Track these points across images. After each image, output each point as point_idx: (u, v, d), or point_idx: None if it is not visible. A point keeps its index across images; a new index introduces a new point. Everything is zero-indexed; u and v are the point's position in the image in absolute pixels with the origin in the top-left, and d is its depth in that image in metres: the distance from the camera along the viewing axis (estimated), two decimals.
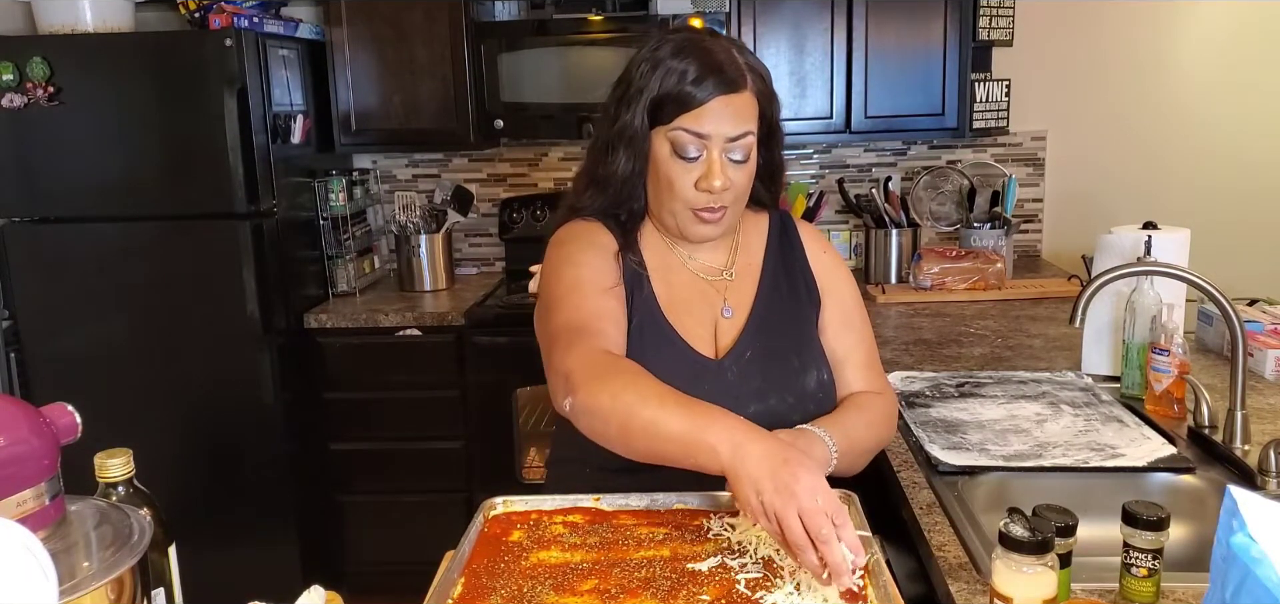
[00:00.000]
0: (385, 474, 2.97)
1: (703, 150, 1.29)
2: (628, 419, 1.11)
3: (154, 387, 2.78)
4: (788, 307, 1.42)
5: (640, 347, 1.31)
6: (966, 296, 2.79)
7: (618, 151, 1.33)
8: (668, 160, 1.30)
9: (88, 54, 2.67)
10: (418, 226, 3.14)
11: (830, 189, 3.28)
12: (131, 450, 1.00)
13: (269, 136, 2.72)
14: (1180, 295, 1.79)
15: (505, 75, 2.97)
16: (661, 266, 1.40)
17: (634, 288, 1.36)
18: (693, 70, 1.27)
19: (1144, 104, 3.26)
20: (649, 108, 1.30)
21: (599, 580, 1.04)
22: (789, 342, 1.39)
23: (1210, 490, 1.44)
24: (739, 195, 1.33)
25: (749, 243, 1.45)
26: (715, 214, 1.32)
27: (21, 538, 0.74)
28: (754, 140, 1.31)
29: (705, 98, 1.26)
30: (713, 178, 1.28)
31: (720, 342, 1.38)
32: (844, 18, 2.90)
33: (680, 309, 1.37)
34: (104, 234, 2.73)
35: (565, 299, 1.30)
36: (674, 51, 1.29)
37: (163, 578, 1.03)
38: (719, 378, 1.33)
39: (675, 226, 1.37)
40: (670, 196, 1.33)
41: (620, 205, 1.38)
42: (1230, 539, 0.69)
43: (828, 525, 0.94)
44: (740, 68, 1.29)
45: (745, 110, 1.29)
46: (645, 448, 1.11)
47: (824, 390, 1.38)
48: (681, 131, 1.28)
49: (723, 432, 1.04)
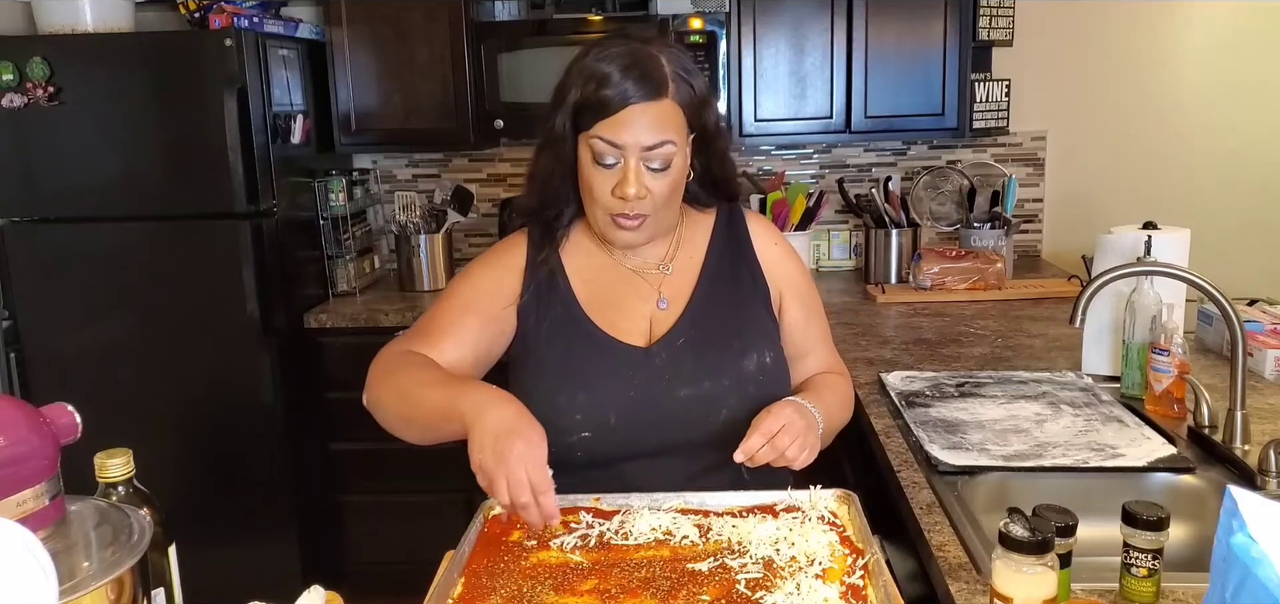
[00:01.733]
0: (385, 474, 2.97)
1: (619, 158, 1.27)
2: (402, 402, 1.25)
3: (154, 387, 2.78)
4: (728, 295, 1.42)
5: (553, 343, 1.36)
6: (966, 296, 2.79)
7: (545, 153, 1.35)
8: (588, 166, 1.30)
9: (88, 54, 2.67)
10: (418, 226, 3.14)
11: (830, 189, 3.28)
12: (131, 450, 1.00)
13: (269, 136, 2.72)
14: (1180, 295, 1.79)
15: (505, 75, 2.96)
16: (588, 264, 1.41)
17: (546, 293, 1.39)
18: (613, 76, 1.25)
19: (1144, 104, 3.26)
20: (572, 113, 1.30)
21: (599, 580, 1.04)
22: (728, 327, 1.39)
23: (1210, 490, 1.44)
24: (659, 203, 1.31)
25: (691, 238, 1.45)
26: (632, 220, 1.31)
27: (21, 538, 0.74)
28: (674, 150, 1.28)
29: (620, 105, 1.25)
30: (628, 185, 1.27)
31: (654, 333, 1.38)
32: (844, 18, 2.90)
33: (604, 303, 1.38)
34: (104, 234, 2.73)
35: (432, 309, 1.40)
36: (598, 57, 1.28)
37: (163, 578, 1.03)
38: (646, 365, 1.34)
39: (598, 231, 1.37)
40: (590, 202, 1.33)
41: (547, 206, 1.39)
42: (1230, 539, 0.69)
43: (526, 494, 1.05)
44: (664, 75, 1.27)
45: (665, 118, 1.27)
46: (418, 425, 1.24)
47: (765, 373, 1.37)
48: (598, 139, 1.27)
49: (469, 396, 1.14)
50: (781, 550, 1.08)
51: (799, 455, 1.23)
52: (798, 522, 1.15)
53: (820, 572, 1.04)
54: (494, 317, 1.38)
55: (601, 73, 1.26)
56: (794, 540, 1.10)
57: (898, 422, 1.73)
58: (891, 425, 1.72)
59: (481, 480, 1.08)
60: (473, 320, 1.36)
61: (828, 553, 1.08)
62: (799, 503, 1.21)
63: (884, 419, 1.75)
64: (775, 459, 1.21)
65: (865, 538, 1.11)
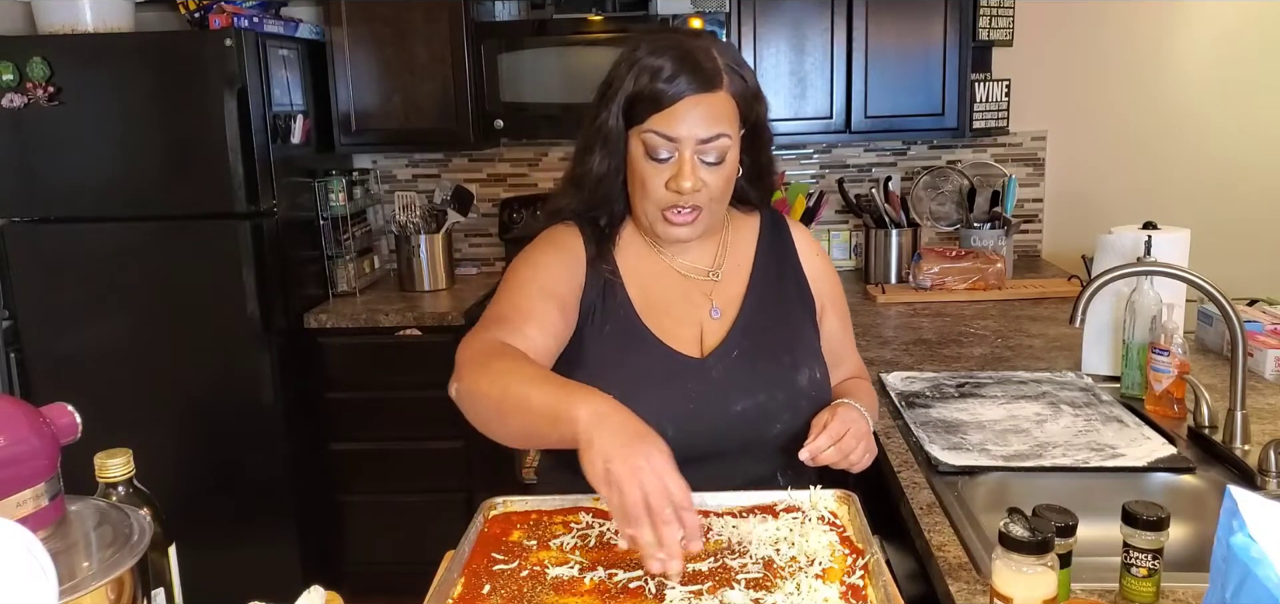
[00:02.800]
0: (385, 474, 2.97)
1: (674, 152, 1.26)
2: (502, 398, 1.10)
3: (154, 387, 2.78)
4: (778, 306, 1.42)
5: (615, 349, 1.31)
6: (966, 297, 2.78)
7: (594, 151, 1.32)
8: (641, 161, 1.29)
9: (88, 54, 2.67)
10: (418, 226, 3.14)
11: (830, 189, 3.28)
12: (131, 450, 1.00)
13: (269, 136, 2.72)
14: (1180, 295, 1.79)
15: (505, 75, 2.97)
16: (642, 270, 1.38)
17: (606, 295, 1.34)
18: (666, 69, 1.24)
19: (1144, 104, 3.26)
20: (624, 107, 1.29)
21: (599, 580, 1.03)
22: (780, 340, 1.38)
23: (1210, 490, 1.44)
24: (713, 198, 1.30)
25: (738, 243, 1.44)
26: (685, 215, 1.30)
27: (21, 538, 0.74)
28: (729, 143, 1.28)
29: (676, 97, 1.24)
30: (683, 179, 1.26)
31: (707, 342, 1.37)
32: (844, 18, 2.90)
33: (660, 311, 1.36)
34: (104, 234, 2.73)
35: (505, 294, 1.30)
36: (650, 50, 1.27)
37: (163, 578, 1.03)
38: (702, 376, 1.33)
39: (649, 227, 1.35)
40: (642, 197, 1.31)
41: (598, 207, 1.36)
42: (1230, 539, 0.69)
43: (668, 505, 0.94)
44: (717, 67, 1.26)
45: (720, 111, 1.27)
46: (518, 426, 1.09)
47: (816, 388, 1.37)
48: (652, 133, 1.26)
49: (586, 402, 1.02)
50: (781, 550, 1.08)
51: (863, 458, 1.26)
52: (798, 522, 1.15)
53: (820, 572, 1.04)
54: (571, 306, 1.31)
55: (655, 65, 1.25)
56: (794, 540, 1.10)
57: (898, 422, 1.73)
58: (892, 426, 1.72)
59: (608, 494, 0.96)
60: (554, 307, 1.28)
61: (828, 553, 1.08)
62: (799, 503, 1.20)
63: (884, 419, 1.75)
64: (838, 461, 1.23)
65: (865, 538, 1.11)
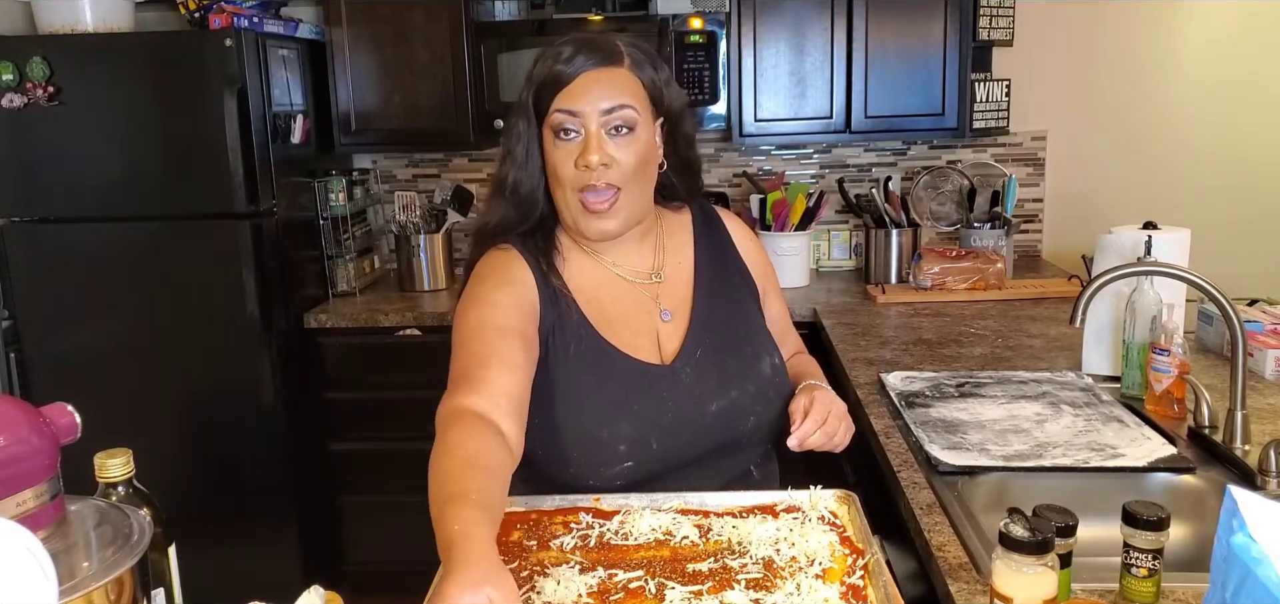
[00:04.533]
0: (385, 474, 2.97)
1: (579, 128, 1.26)
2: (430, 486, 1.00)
3: (154, 387, 2.78)
4: (727, 299, 1.42)
5: (584, 375, 1.29)
6: (966, 296, 2.78)
7: (512, 153, 1.32)
8: (552, 148, 1.29)
9: (88, 54, 2.67)
10: (418, 226, 3.14)
11: (830, 189, 3.28)
12: (131, 450, 1.00)
13: (269, 136, 2.72)
14: (1180, 295, 1.79)
15: (505, 75, 2.96)
16: (588, 286, 1.35)
17: (562, 316, 1.31)
18: (566, 52, 1.27)
19: (1144, 104, 3.25)
20: (533, 99, 1.30)
21: (599, 581, 1.03)
22: (737, 333, 1.39)
23: (1210, 490, 1.44)
24: (626, 175, 1.27)
25: (675, 242, 1.43)
26: (602, 199, 1.27)
27: (21, 538, 0.74)
28: (635, 115, 1.27)
29: (575, 74, 1.26)
30: (590, 152, 1.25)
31: (665, 347, 1.35)
32: (844, 18, 2.90)
33: (616, 324, 1.34)
34: (104, 234, 2.73)
35: (464, 342, 1.22)
36: (552, 43, 1.30)
37: (163, 578, 1.03)
38: (673, 383, 1.31)
39: (572, 223, 1.32)
40: (558, 186, 1.30)
41: (525, 215, 1.34)
42: (1230, 539, 0.69)
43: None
44: (618, 48, 1.29)
45: (621, 84, 1.27)
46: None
47: (778, 374, 1.38)
48: (557, 111, 1.27)
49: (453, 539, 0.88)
50: (781, 551, 1.08)
51: (845, 437, 1.30)
52: (798, 522, 1.15)
53: (820, 572, 1.04)
54: (531, 335, 1.26)
55: (555, 51, 1.28)
56: (794, 541, 1.10)
57: (898, 422, 1.73)
58: (891, 426, 1.72)
59: None
60: (514, 341, 1.21)
61: (828, 553, 1.08)
62: (799, 503, 1.20)
63: (884, 419, 1.75)
64: (824, 443, 1.27)
65: (865, 538, 1.11)
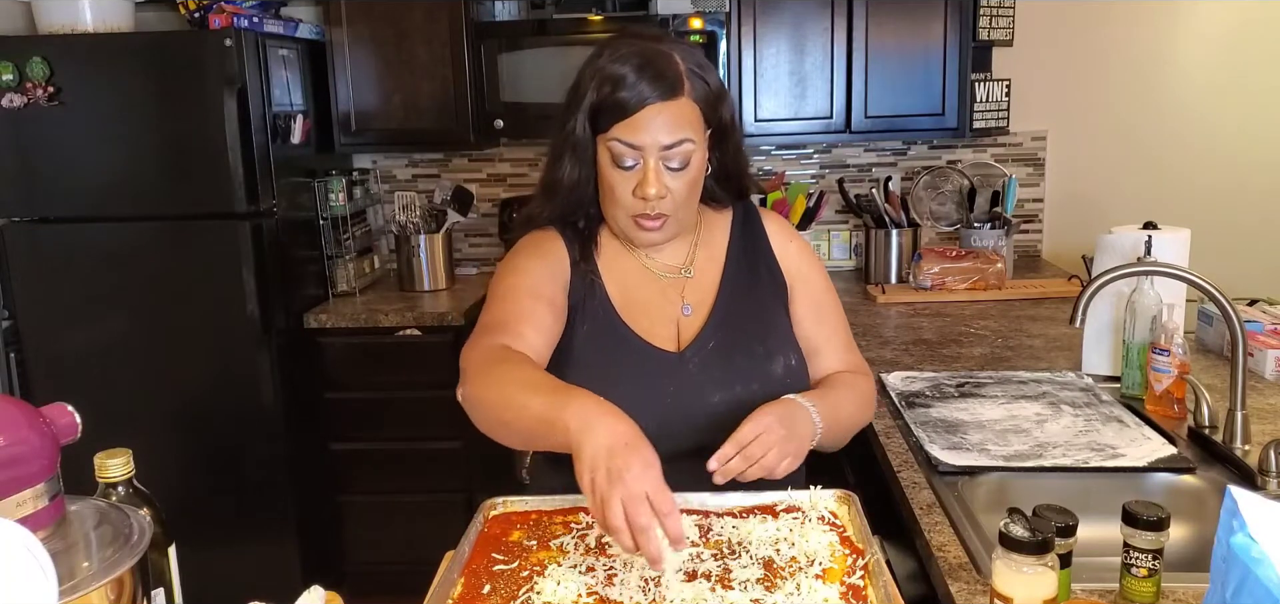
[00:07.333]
0: (385, 474, 2.97)
1: (638, 159, 1.28)
2: (504, 405, 1.12)
3: (154, 387, 2.78)
4: (751, 297, 1.42)
5: (595, 347, 1.33)
6: (966, 296, 2.78)
7: (564, 159, 1.34)
8: (608, 168, 1.31)
9: (88, 54, 2.67)
10: (418, 226, 3.14)
11: (830, 189, 3.28)
12: (131, 450, 1.00)
13: (269, 136, 2.72)
14: (1180, 295, 1.79)
15: (505, 75, 2.97)
16: (618, 268, 1.40)
17: (586, 294, 1.36)
18: (628, 78, 1.25)
19: (1144, 104, 3.25)
20: (589, 115, 1.30)
21: (598, 581, 1.03)
22: (753, 330, 1.39)
23: (1210, 490, 1.44)
24: (679, 202, 1.31)
25: (711, 238, 1.45)
26: (654, 221, 1.32)
27: (21, 538, 0.74)
28: (693, 148, 1.29)
29: (638, 105, 1.25)
30: (648, 186, 1.28)
31: (682, 338, 1.38)
32: (844, 18, 2.90)
33: (637, 309, 1.38)
34: (104, 234, 2.73)
35: (495, 302, 1.32)
36: (612, 57, 1.28)
37: (163, 578, 1.03)
38: (680, 371, 1.34)
39: (621, 232, 1.37)
40: (611, 203, 1.33)
41: (572, 213, 1.38)
42: (1230, 539, 0.69)
43: (646, 515, 0.94)
44: (679, 73, 1.27)
45: (682, 117, 1.27)
46: (519, 431, 1.12)
47: (792, 376, 1.37)
48: (617, 141, 1.27)
49: (577, 410, 1.02)
50: (781, 551, 1.08)
51: (778, 464, 1.18)
52: (798, 522, 1.15)
53: (820, 572, 1.04)
54: (560, 304, 1.33)
55: (616, 74, 1.26)
56: (794, 541, 1.10)
57: (898, 422, 1.73)
58: (892, 426, 1.72)
59: (591, 503, 0.97)
60: (545, 308, 1.30)
61: (828, 553, 1.08)
62: (799, 503, 1.20)
63: (884, 419, 1.75)
64: (747, 470, 1.17)
65: (865, 538, 1.11)
